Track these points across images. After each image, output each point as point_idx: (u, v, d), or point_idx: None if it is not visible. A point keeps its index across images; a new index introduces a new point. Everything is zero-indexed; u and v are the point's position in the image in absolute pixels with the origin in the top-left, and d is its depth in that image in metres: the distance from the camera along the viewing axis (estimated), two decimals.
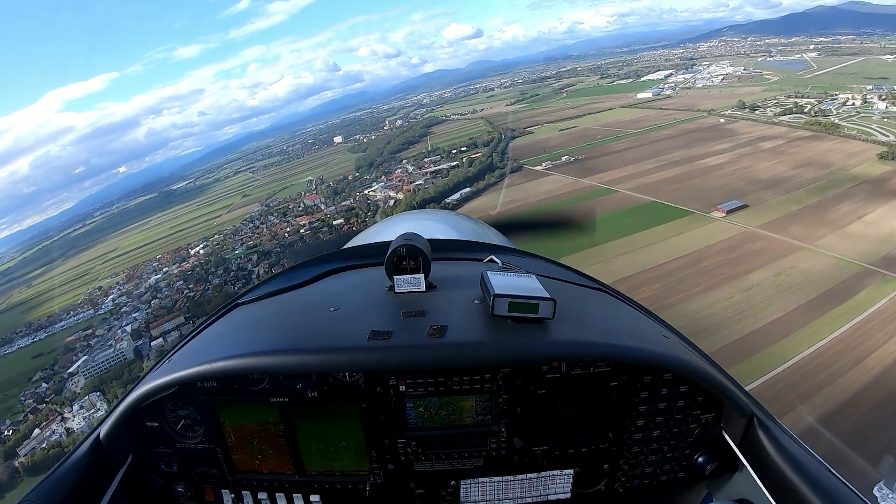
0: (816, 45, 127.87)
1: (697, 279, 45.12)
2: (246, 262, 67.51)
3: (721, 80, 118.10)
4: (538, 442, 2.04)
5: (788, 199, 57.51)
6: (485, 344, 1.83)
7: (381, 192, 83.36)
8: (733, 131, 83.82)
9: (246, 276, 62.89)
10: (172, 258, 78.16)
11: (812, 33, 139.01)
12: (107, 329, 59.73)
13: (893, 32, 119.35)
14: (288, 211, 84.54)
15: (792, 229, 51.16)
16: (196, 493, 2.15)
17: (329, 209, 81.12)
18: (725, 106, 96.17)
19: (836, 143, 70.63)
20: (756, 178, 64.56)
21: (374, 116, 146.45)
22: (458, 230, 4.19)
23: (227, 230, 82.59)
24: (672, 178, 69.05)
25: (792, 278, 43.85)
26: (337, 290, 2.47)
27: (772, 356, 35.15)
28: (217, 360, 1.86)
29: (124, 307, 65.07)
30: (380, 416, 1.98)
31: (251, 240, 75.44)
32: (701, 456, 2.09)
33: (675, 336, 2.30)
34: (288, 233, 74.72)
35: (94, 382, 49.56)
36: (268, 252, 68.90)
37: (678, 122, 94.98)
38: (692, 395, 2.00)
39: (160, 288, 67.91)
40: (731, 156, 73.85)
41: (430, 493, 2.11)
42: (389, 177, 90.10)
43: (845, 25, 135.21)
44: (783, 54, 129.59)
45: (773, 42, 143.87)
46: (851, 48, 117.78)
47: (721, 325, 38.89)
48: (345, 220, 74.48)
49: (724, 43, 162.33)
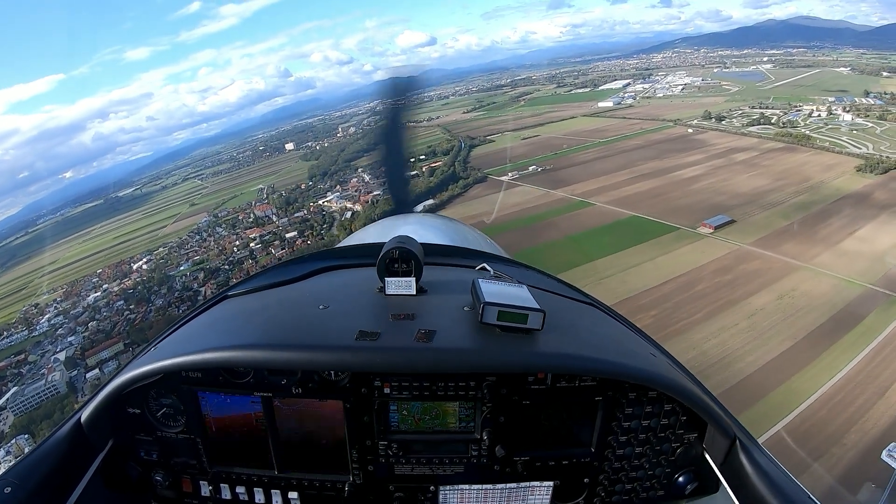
0: (770, 57, 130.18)
1: (695, 304, 41.45)
2: (192, 281, 63.44)
3: (681, 90, 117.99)
4: (520, 452, 2.03)
5: (774, 214, 55.23)
6: (472, 351, 1.84)
7: (336, 202, 79.08)
8: (703, 142, 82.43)
9: (191, 296, 58.71)
10: (114, 273, 72.55)
11: (763, 46, 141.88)
12: (40, 355, 54.44)
13: (842, 46, 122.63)
14: (237, 222, 79.87)
15: (785, 247, 48.55)
16: (174, 482, 2.12)
17: (281, 221, 76.44)
18: (690, 116, 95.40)
19: (811, 156, 69.85)
20: (736, 191, 62.39)
21: (326, 123, 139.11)
22: (453, 236, 4.13)
23: (173, 243, 77.50)
24: (648, 190, 66.18)
25: (795, 301, 41.08)
26: (327, 289, 2.44)
27: (792, 393, 32.43)
28: (203, 350, 1.85)
29: (60, 329, 59.35)
30: (363, 416, 1.97)
31: (198, 254, 70.95)
32: (682, 475, 2.08)
33: (662, 354, 2.26)
34: (237, 247, 70.35)
35: (23, 421, 44.18)
36: (215, 270, 64.85)
37: (645, 132, 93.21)
38: (676, 414, 2.01)
39: (99, 308, 62.56)
40: (706, 167, 71.85)
41: (409, 496, 2.09)
42: (345, 186, 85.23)
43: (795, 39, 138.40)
44: (738, 66, 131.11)
45: (726, 54, 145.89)
46: (804, 60, 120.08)
47: (731, 357, 35.77)
48: (298, 232, 70.96)
49: (677, 54, 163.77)
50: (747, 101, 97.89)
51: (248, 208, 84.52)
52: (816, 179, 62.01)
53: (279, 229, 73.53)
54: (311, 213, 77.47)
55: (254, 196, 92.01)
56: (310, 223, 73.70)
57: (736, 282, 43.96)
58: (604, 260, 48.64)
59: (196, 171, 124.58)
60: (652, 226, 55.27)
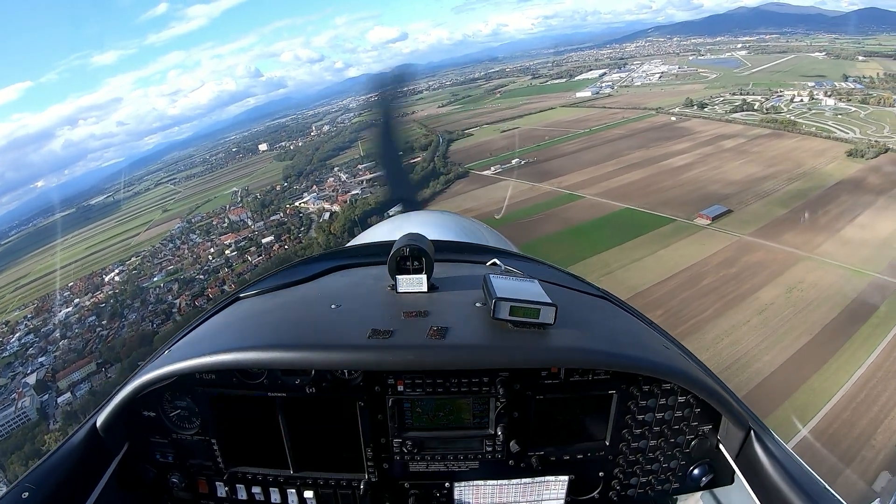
0: (744, 44, 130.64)
1: (703, 301, 39.75)
2: (166, 293, 60.78)
3: (659, 79, 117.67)
4: (534, 447, 2.03)
5: (771, 203, 54.04)
6: (485, 347, 1.84)
7: (313, 203, 76.51)
8: (688, 129, 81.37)
9: (166, 310, 56.85)
10: (86, 286, 69.36)
11: (736, 33, 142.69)
12: (10, 377, 51.96)
13: (814, 31, 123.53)
14: (212, 228, 76.91)
15: (786, 237, 47.30)
16: (190, 484, 2.13)
17: (257, 225, 73.71)
18: (671, 104, 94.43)
19: (799, 141, 69.13)
20: (729, 179, 61.19)
21: (299, 122, 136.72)
22: (463, 232, 4.19)
23: (146, 251, 74.56)
24: (638, 181, 64.59)
25: (805, 294, 39.75)
26: (339, 288, 2.46)
27: (814, 393, 30.98)
28: (217, 352, 1.86)
29: (31, 348, 56.83)
30: (377, 414, 1.98)
31: (171, 264, 68.02)
32: (697, 467, 2.08)
33: (675, 346, 2.26)
34: (212, 254, 67.55)
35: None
36: (190, 280, 62.44)
37: (627, 121, 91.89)
38: (690, 406, 2.01)
39: (70, 324, 59.90)
40: (695, 156, 70.57)
41: (424, 493, 2.10)
42: (321, 186, 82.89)
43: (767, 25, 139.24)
44: (712, 53, 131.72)
45: (699, 42, 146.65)
46: (778, 46, 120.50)
47: (748, 356, 34.20)
48: (275, 237, 68.56)
49: (650, 43, 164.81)
50: (727, 87, 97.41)
51: (222, 212, 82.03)
52: (808, 165, 61.19)
53: (255, 234, 70.91)
54: (288, 215, 75.12)
55: (228, 199, 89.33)
56: (286, 226, 71.47)
57: (742, 275, 42.38)
58: (600, 256, 46.69)
59: (169, 175, 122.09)
60: (647, 218, 53.50)
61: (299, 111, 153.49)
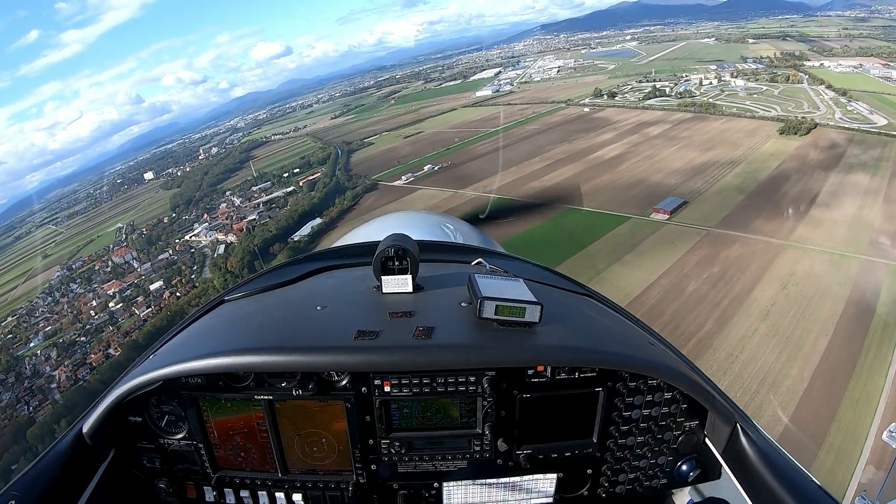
0: (632, 35, 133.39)
1: (697, 311, 33.23)
2: (43, 364, 51.16)
3: (557, 72, 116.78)
4: (522, 446, 2.02)
5: (726, 189, 49.67)
6: (471, 346, 1.84)
7: (205, 235, 68.75)
8: (606, 119, 77.82)
9: (43, 388, 46.89)
10: None
11: (621, 27, 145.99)
12: None
13: (696, 20, 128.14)
14: (94, 274, 67.84)
15: (756, 224, 42.64)
16: (177, 489, 2.12)
17: (143, 267, 65.42)
18: (579, 95, 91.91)
19: (725, 123, 67.13)
20: (671, 167, 56.57)
21: (186, 147, 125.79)
22: (447, 232, 4.17)
23: (22, 309, 63.68)
24: (572, 177, 58.52)
25: (802, 289, 34.85)
26: (324, 289, 2.43)
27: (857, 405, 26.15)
28: (203, 356, 1.85)
29: None
30: (364, 416, 1.97)
31: (50, 324, 58.34)
32: (684, 463, 2.08)
33: (660, 343, 2.26)
34: (94, 309, 58.80)
35: None
36: (70, 344, 52.79)
37: (539, 116, 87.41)
38: (677, 402, 2.00)
39: None
40: (624, 146, 66.07)
41: (412, 494, 2.09)
42: (213, 214, 75.29)
43: (650, 17, 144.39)
44: (603, 45, 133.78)
45: (587, 37, 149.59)
46: (666, 35, 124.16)
47: (774, 373, 28.43)
48: (164, 281, 60.68)
49: (538, 41, 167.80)
50: (630, 76, 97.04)
51: (105, 254, 72.83)
52: (746, 146, 58.51)
53: (141, 279, 62.79)
54: (178, 252, 67.10)
55: (112, 238, 79.93)
56: (177, 266, 63.63)
57: (728, 275, 36.46)
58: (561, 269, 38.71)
59: (51, 215, 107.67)
60: (598, 218, 46.74)
61: (185, 135, 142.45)
